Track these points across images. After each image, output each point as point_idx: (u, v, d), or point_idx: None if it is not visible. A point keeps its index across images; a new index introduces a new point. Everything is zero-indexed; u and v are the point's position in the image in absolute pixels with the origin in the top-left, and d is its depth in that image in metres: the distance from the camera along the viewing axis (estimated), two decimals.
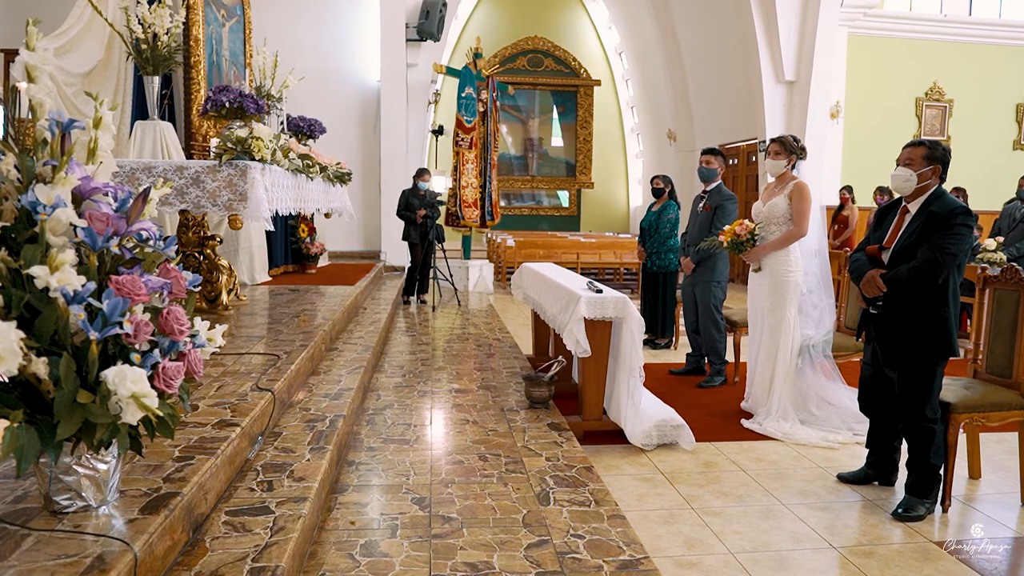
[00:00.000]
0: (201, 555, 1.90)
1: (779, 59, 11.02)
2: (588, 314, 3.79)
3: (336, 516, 2.65)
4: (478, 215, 10.41)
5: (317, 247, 8.31)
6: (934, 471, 3.04)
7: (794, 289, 4.23)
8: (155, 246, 1.76)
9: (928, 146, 3.08)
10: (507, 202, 17.61)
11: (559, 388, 4.41)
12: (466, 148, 10.25)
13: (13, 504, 1.78)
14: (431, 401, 4.31)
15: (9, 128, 1.70)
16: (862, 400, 3.40)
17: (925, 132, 12.39)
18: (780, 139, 4.33)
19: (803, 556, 2.64)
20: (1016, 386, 3.21)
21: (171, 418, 1.67)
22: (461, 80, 10.26)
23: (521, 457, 3.35)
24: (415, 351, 5.83)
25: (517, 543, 2.49)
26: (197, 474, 2.04)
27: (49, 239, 1.57)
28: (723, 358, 5.27)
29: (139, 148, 5.28)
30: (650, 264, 6.57)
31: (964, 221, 2.95)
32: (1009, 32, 12.55)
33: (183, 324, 1.72)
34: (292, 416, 3.21)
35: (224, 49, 7.33)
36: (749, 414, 4.38)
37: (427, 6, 10.38)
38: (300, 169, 5.32)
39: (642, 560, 2.43)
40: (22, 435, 1.51)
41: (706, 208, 5.39)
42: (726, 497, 3.19)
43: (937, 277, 2.94)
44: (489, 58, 16.17)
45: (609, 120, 18.42)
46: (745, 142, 12.73)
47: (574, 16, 18.22)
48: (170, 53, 5.14)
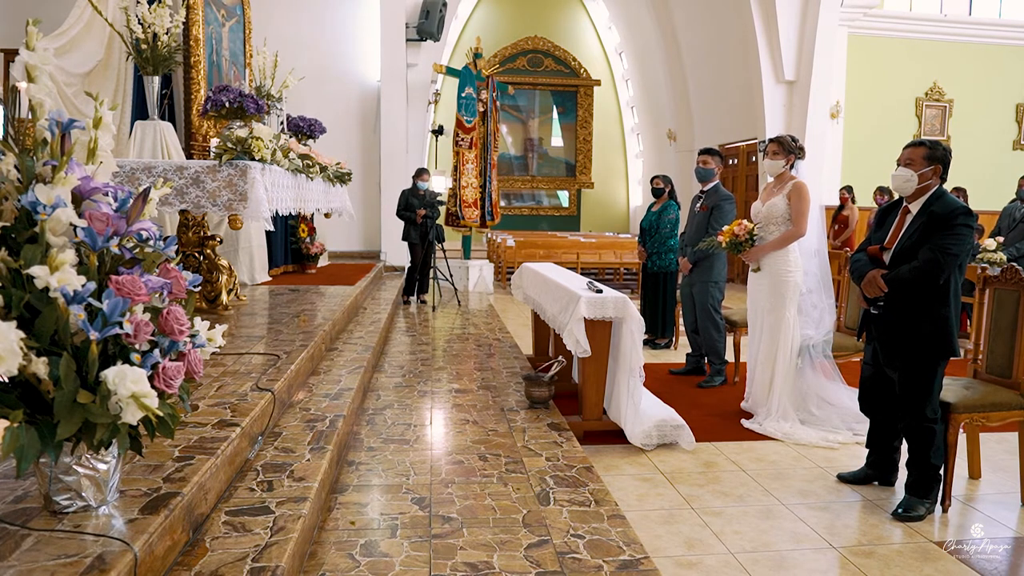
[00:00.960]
0: (201, 555, 1.90)
1: (779, 59, 11.02)
2: (588, 314, 3.79)
3: (336, 516, 2.65)
4: (478, 215, 10.41)
5: (317, 247, 8.31)
6: (934, 471, 3.04)
7: (793, 289, 4.23)
8: (155, 246, 1.76)
9: (928, 146, 3.08)
10: (507, 202, 17.62)
11: (559, 388, 4.41)
12: (466, 148, 10.25)
13: (13, 504, 1.78)
14: (431, 401, 4.31)
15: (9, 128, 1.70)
16: (862, 400, 3.40)
17: (925, 132, 12.39)
18: (778, 139, 4.33)
19: (803, 556, 2.64)
20: (1016, 386, 3.21)
21: (171, 418, 1.67)
22: (461, 80, 10.26)
23: (521, 457, 3.35)
24: (415, 351, 5.83)
25: (517, 543, 2.49)
26: (197, 474, 2.04)
27: (49, 239, 1.57)
28: (723, 358, 5.27)
29: (139, 148, 5.28)
30: (650, 264, 6.57)
31: (965, 221, 2.95)
32: (1009, 32, 12.55)
33: (183, 324, 1.72)
34: (292, 416, 3.21)
35: (224, 49, 7.33)
36: (749, 414, 4.38)
37: (427, 6, 10.38)
38: (300, 169, 5.32)
39: (642, 560, 2.43)
40: (22, 435, 1.51)
41: (703, 208, 5.39)
42: (726, 497, 3.19)
43: (938, 277, 2.94)
44: (489, 58, 16.17)
45: (609, 120, 18.42)
46: (745, 142, 12.74)
47: (574, 16, 18.22)
48: (170, 53, 5.14)
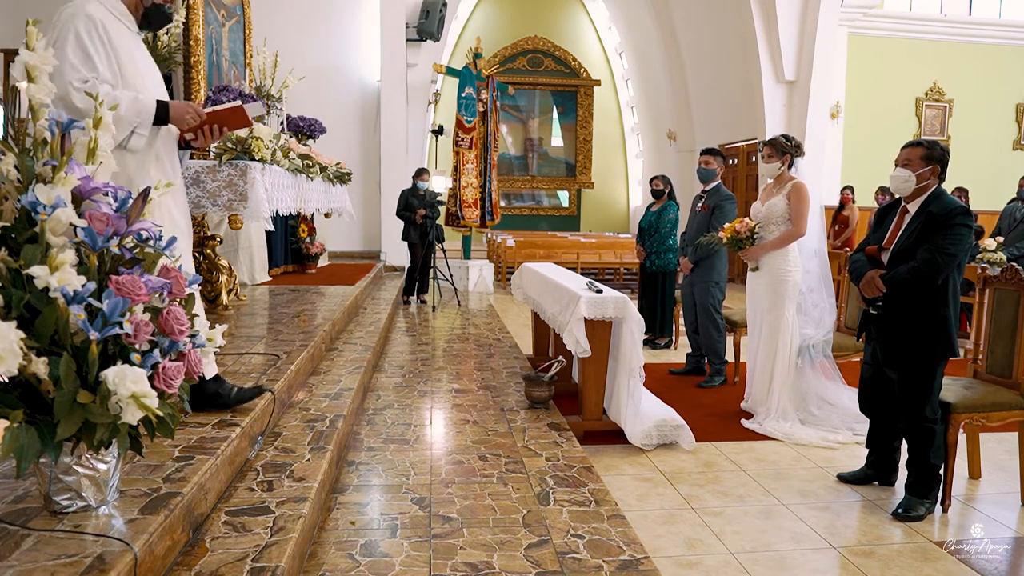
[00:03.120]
0: (201, 555, 1.90)
1: (779, 59, 11.02)
2: (588, 314, 3.79)
3: (336, 516, 2.65)
4: (478, 215, 10.41)
5: (317, 247, 8.31)
6: (934, 471, 3.04)
7: (793, 289, 4.23)
8: (155, 246, 1.76)
9: (926, 146, 3.07)
10: (507, 202, 17.61)
11: (559, 388, 4.41)
12: (466, 148, 10.25)
13: (13, 504, 1.78)
14: (431, 401, 4.31)
15: (9, 128, 1.70)
16: (862, 400, 3.40)
17: (925, 132, 12.38)
18: (771, 141, 4.33)
19: (803, 556, 2.64)
20: (1016, 386, 3.21)
21: (171, 418, 1.67)
22: (461, 80, 10.26)
23: (521, 457, 3.35)
24: (415, 351, 5.83)
25: (517, 543, 2.49)
26: (197, 474, 2.05)
27: (49, 239, 1.57)
28: (723, 358, 5.27)
29: None
30: (649, 264, 6.58)
31: (963, 221, 2.95)
32: (1009, 32, 12.55)
33: (183, 324, 1.72)
34: (292, 416, 3.21)
35: (224, 49, 7.32)
36: (749, 414, 4.38)
37: (427, 6, 10.38)
38: (300, 169, 5.32)
39: (642, 560, 2.43)
40: (22, 435, 1.51)
41: (704, 208, 5.39)
42: (726, 497, 3.19)
43: (936, 277, 2.94)
44: (489, 58, 16.16)
45: (609, 120, 18.41)
46: (745, 142, 12.74)
47: (574, 16, 18.21)
48: (170, 53, 5.15)
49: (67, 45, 2.30)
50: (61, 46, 2.29)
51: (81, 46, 2.32)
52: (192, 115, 2.54)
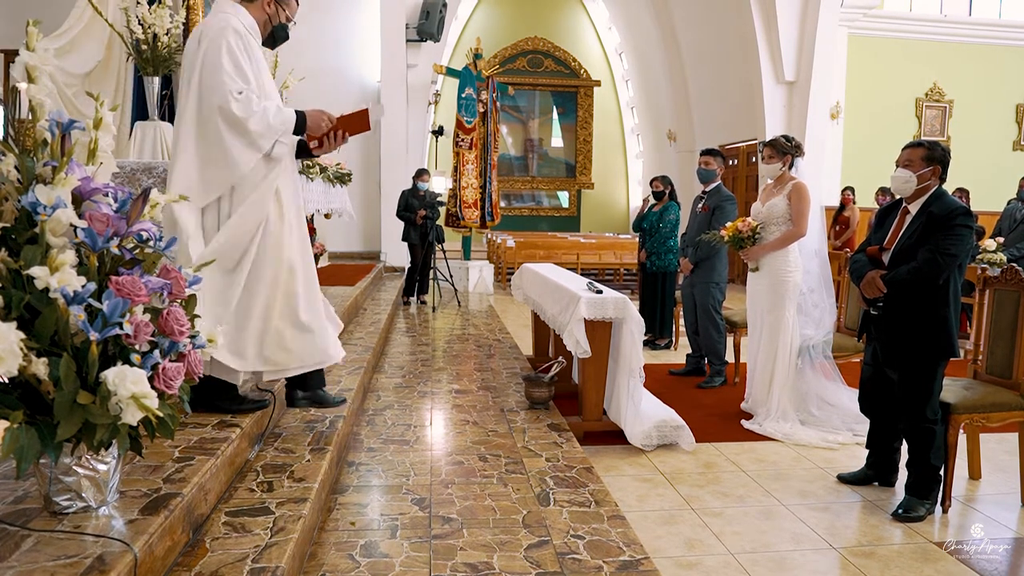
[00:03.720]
0: (201, 556, 1.90)
1: (779, 59, 11.02)
2: (588, 315, 3.78)
3: (336, 517, 2.65)
4: (478, 216, 10.41)
5: (317, 248, 8.30)
6: (934, 472, 3.04)
7: (793, 289, 4.23)
8: (155, 247, 1.76)
9: (927, 147, 3.07)
10: (507, 203, 17.61)
11: (559, 389, 4.40)
12: (466, 149, 10.25)
13: (13, 505, 1.78)
14: (431, 402, 4.31)
15: (9, 128, 1.71)
16: (862, 401, 3.40)
17: (925, 133, 12.38)
18: (771, 142, 4.33)
19: (803, 557, 2.64)
20: (1016, 387, 3.21)
21: (171, 419, 1.67)
22: (461, 81, 10.26)
23: (521, 458, 3.35)
24: (415, 352, 5.83)
25: (517, 544, 2.49)
26: (197, 475, 2.05)
27: (49, 240, 1.57)
28: (723, 359, 5.27)
29: (139, 149, 5.28)
30: (649, 264, 6.58)
31: (964, 222, 2.94)
32: (1009, 32, 12.55)
33: (183, 325, 1.72)
34: (292, 416, 3.21)
35: None
36: (749, 415, 4.38)
37: (427, 6, 10.38)
38: (300, 170, 5.31)
39: (642, 561, 2.43)
40: (22, 436, 1.51)
41: (704, 209, 5.39)
42: (726, 498, 3.19)
43: (937, 278, 2.94)
44: (489, 59, 16.16)
45: (609, 120, 18.42)
46: (745, 142, 12.74)
47: (574, 16, 18.22)
48: (170, 53, 5.14)
49: (222, 57, 2.36)
50: (216, 58, 2.35)
51: (233, 59, 2.38)
52: (326, 122, 2.59)
